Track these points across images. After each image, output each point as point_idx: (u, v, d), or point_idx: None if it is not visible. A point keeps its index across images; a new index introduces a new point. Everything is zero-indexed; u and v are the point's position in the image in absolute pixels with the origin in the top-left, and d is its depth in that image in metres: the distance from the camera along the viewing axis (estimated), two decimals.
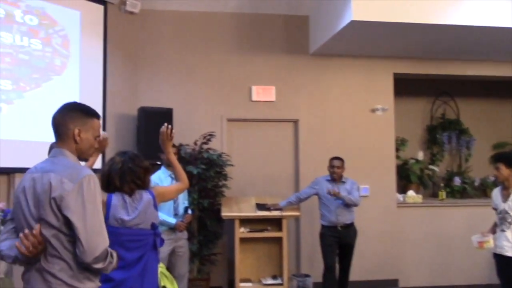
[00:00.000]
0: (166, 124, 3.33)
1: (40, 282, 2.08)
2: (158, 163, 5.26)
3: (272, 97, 6.80)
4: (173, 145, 5.24)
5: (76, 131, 2.22)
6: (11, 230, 2.24)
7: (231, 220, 5.95)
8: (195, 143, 6.19)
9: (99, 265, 2.08)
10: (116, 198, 3.04)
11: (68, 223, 2.05)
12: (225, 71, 6.76)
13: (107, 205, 3.00)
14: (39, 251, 2.06)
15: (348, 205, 5.55)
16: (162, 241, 3.19)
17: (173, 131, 3.31)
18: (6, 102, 5.10)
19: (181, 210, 5.14)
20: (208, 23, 6.77)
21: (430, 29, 5.78)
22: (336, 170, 5.62)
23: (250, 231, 5.93)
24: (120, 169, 3.09)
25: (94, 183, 2.12)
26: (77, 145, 2.23)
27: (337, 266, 5.72)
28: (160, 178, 5.06)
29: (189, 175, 5.59)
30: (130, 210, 3.02)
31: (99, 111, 5.94)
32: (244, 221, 5.93)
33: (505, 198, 4.50)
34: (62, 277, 2.07)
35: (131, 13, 6.41)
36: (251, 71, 6.80)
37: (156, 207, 3.14)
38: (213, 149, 6.23)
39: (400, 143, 7.78)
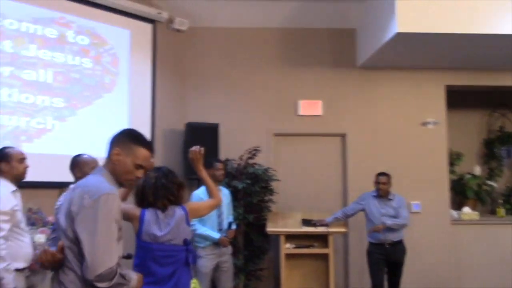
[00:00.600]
0: (198, 146, 3.46)
1: None
2: None
3: (319, 111, 6.74)
4: (220, 160, 5.30)
5: (115, 151, 2.27)
6: (53, 238, 2.33)
7: (277, 236, 5.90)
8: (241, 158, 6.21)
9: (103, 284, 2.04)
10: (149, 214, 3.08)
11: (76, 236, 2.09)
12: (271, 86, 6.78)
13: (140, 221, 3.04)
14: (53, 265, 2.13)
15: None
16: (195, 257, 3.20)
17: (202, 150, 3.41)
18: (59, 119, 5.32)
19: (225, 225, 5.14)
20: (254, 39, 6.83)
21: (481, 39, 5.56)
22: (381, 186, 5.48)
23: (296, 247, 5.85)
24: (153, 185, 3.14)
25: (112, 202, 2.11)
26: (113, 166, 2.27)
27: (386, 284, 5.55)
28: (204, 193, 5.09)
29: (234, 190, 5.65)
30: (162, 225, 3.05)
31: (148, 127, 6.14)
32: (290, 237, 5.86)
33: None
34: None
35: (179, 30, 6.57)
36: (297, 85, 6.78)
37: (188, 223, 3.17)
38: (258, 164, 6.23)
39: (455, 158, 7.50)
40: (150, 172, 3.22)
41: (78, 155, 3.93)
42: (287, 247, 5.81)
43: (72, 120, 5.43)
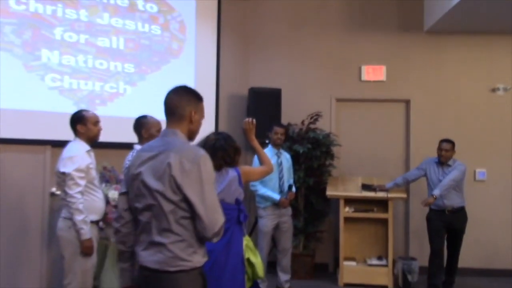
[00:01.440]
0: (250, 118, 3.58)
1: (151, 254, 2.19)
2: (267, 141, 5.47)
3: (382, 77, 6.68)
4: (278, 125, 5.46)
5: (193, 111, 2.35)
6: (128, 214, 2.35)
7: (337, 199, 6.02)
8: (303, 123, 6.32)
9: (215, 239, 2.21)
10: None
11: (186, 200, 2.16)
12: (335, 51, 6.77)
13: None
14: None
15: (456, 190, 5.35)
16: (246, 216, 3.34)
17: (254, 121, 3.54)
18: (130, 84, 5.62)
19: (285, 188, 5.33)
20: (319, 2, 6.80)
21: None
22: (444, 153, 5.42)
23: (355, 211, 5.95)
24: (213, 146, 3.31)
25: (209, 162, 2.23)
26: (190, 126, 2.35)
27: (446, 251, 5.56)
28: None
29: (295, 154, 5.79)
30: (217, 184, 3.17)
31: (212, 92, 6.37)
32: (350, 201, 5.97)
33: None
34: (173, 249, 2.15)
35: None
36: (361, 50, 6.74)
37: (241, 184, 3.33)
38: (320, 129, 6.32)
39: None
40: (210, 134, 3.46)
41: (144, 117, 4.14)
42: (346, 211, 5.93)
43: (142, 85, 5.71)
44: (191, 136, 2.38)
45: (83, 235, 3.48)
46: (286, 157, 5.50)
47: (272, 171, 3.73)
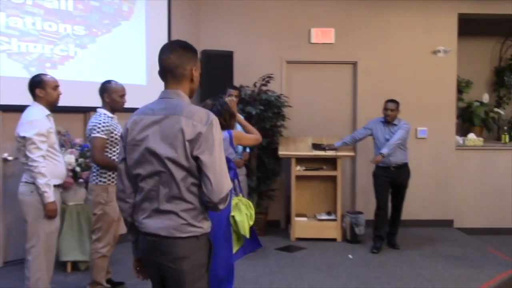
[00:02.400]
0: (231, 99, 4.03)
1: (159, 222, 2.14)
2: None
3: (331, 39, 6.87)
4: (233, 87, 5.57)
5: (194, 68, 2.23)
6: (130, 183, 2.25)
7: (288, 159, 6.24)
8: (255, 85, 6.45)
9: (221, 206, 2.13)
10: None
11: (197, 165, 2.09)
12: (285, 14, 6.87)
13: None
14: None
15: (401, 148, 5.66)
16: (236, 174, 3.51)
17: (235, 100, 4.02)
18: (80, 47, 5.54)
19: (240, 148, 5.49)
20: None
21: None
22: (389, 112, 5.69)
23: (306, 169, 6.21)
24: (210, 110, 3.39)
25: (219, 126, 2.16)
26: (191, 84, 2.25)
27: (390, 204, 5.92)
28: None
29: (248, 115, 5.93)
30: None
31: None
32: (301, 160, 6.21)
33: None
34: (185, 216, 2.12)
35: None
36: (310, 13, 6.87)
37: (232, 145, 3.59)
38: (271, 90, 6.48)
39: (465, 86, 7.65)
40: (208, 100, 3.80)
41: (108, 81, 4.15)
42: (297, 169, 6.17)
43: (93, 47, 5.64)
44: (192, 94, 2.29)
45: (46, 198, 3.51)
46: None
47: (261, 141, 4.00)
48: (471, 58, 7.69)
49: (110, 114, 4.03)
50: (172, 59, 2.19)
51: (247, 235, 3.47)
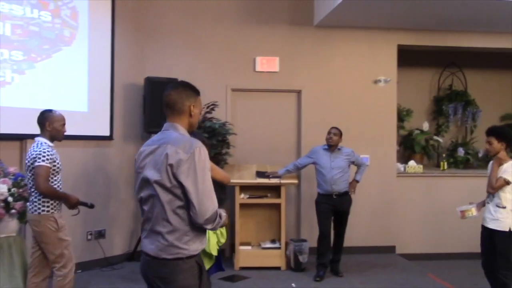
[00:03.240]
0: None
1: (150, 242, 2.39)
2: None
3: (276, 68, 6.97)
4: None
5: (192, 105, 2.50)
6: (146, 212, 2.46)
7: (233, 187, 6.21)
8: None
9: (209, 226, 2.33)
10: None
11: (181, 188, 2.29)
12: (230, 42, 6.93)
13: None
14: None
15: (343, 175, 5.77)
16: None
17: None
18: (18, 72, 5.38)
19: None
20: None
21: (433, 1, 5.81)
22: (332, 136, 5.78)
23: (250, 197, 6.20)
24: None
25: (204, 154, 2.34)
26: (190, 119, 2.51)
27: (333, 232, 5.98)
28: None
29: None
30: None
31: (107, 81, 6.27)
32: (245, 188, 6.20)
33: None
34: (169, 238, 2.32)
35: None
36: (255, 42, 6.96)
37: None
38: (216, 118, 6.48)
39: (405, 114, 7.91)
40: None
41: (49, 110, 4.14)
42: (241, 197, 6.16)
43: (31, 73, 5.50)
44: (191, 128, 2.53)
45: None
46: None
47: (229, 182, 4.27)
48: (411, 87, 7.98)
49: (50, 143, 4.02)
50: (173, 96, 2.49)
51: (214, 253, 3.76)
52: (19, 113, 5.28)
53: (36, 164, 3.83)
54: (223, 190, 6.41)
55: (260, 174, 6.23)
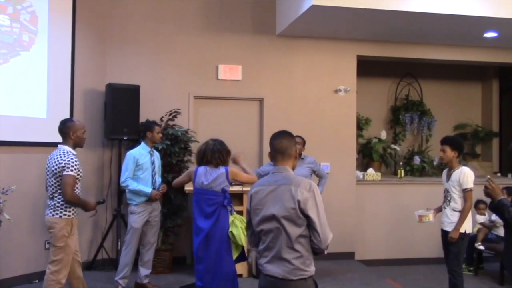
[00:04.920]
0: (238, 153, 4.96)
1: (276, 267, 2.76)
2: (139, 138, 5.73)
3: (239, 76, 7.02)
4: (158, 124, 5.77)
5: (295, 151, 2.93)
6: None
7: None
8: (161, 120, 6.41)
9: (326, 251, 2.77)
10: (201, 169, 4.48)
11: (307, 220, 2.71)
12: (193, 50, 6.94)
13: (194, 174, 4.49)
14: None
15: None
16: (229, 201, 4.48)
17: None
18: None
19: (158, 184, 5.53)
20: (178, 2, 6.90)
21: (391, 15, 6.00)
22: (298, 146, 5.87)
23: None
24: (212, 149, 4.49)
25: (318, 190, 2.80)
26: (294, 161, 2.94)
27: None
28: (141, 153, 5.43)
29: (155, 150, 5.87)
30: (208, 176, 4.41)
31: (67, 87, 6.16)
32: None
33: (448, 178, 4.87)
34: (295, 263, 2.72)
35: None
36: (218, 50, 6.99)
37: (228, 179, 4.46)
38: (178, 125, 6.47)
39: (364, 123, 8.09)
40: (209, 140, 4.57)
41: (71, 119, 4.53)
42: None
43: None
44: (294, 168, 2.95)
45: None
46: (157, 155, 5.64)
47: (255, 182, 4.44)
48: (370, 97, 8.20)
49: (74, 152, 4.26)
50: (284, 143, 2.91)
51: (244, 244, 4.37)
52: None
53: (65, 173, 4.10)
54: (184, 198, 6.45)
55: None
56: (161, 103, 6.63)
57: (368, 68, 7.77)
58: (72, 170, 4.11)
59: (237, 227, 4.39)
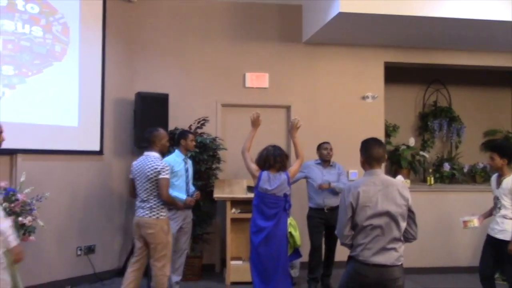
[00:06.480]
0: (297, 119, 5.12)
1: (388, 256, 3.20)
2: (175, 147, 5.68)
3: (265, 84, 7.04)
4: (192, 132, 5.86)
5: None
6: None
7: (223, 202, 6.22)
8: (190, 128, 6.45)
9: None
10: (264, 174, 4.70)
11: (410, 214, 3.30)
12: (220, 58, 7.00)
13: (258, 178, 4.70)
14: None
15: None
16: (290, 205, 4.76)
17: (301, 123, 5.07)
18: (9, 87, 5.36)
19: (191, 190, 5.58)
20: (204, 11, 6.99)
21: (419, 21, 5.97)
22: (329, 152, 5.90)
23: (241, 212, 6.20)
24: (273, 154, 4.75)
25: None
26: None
27: (324, 246, 6.00)
28: (175, 161, 5.47)
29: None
30: (272, 183, 4.66)
31: (98, 96, 6.27)
32: (236, 203, 6.21)
33: (498, 185, 4.77)
34: (399, 251, 3.24)
35: (129, 1, 6.65)
36: (245, 58, 7.04)
37: (289, 184, 4.73)
38: (207, 133, 6.51)
39: (392, 130, 8.02)
40: (269, 146, 4.86)
41: (156, 129, 4.84)
42: (232, 212, 6.16)
43: (22, 88, 5.49)
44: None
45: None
46: (190, 163, 5.68)
47: (303, 160, 4.98)
48: (397, 103, 8.11)
49: (161, 158, 4.77)
50: (381, 152, 3.42)
51: (300, 244, 5.23)
52: (9, 127, 5.18)
53: (161, 176, 4.55)
54: (213, 205, 6.47)
55: (251, 188, 6.21)
56: (189, 111, 6.69)
57: (395, 75, 7.71)
58: (166, 174, 4.59)
59: (295, 229, 5.19)
